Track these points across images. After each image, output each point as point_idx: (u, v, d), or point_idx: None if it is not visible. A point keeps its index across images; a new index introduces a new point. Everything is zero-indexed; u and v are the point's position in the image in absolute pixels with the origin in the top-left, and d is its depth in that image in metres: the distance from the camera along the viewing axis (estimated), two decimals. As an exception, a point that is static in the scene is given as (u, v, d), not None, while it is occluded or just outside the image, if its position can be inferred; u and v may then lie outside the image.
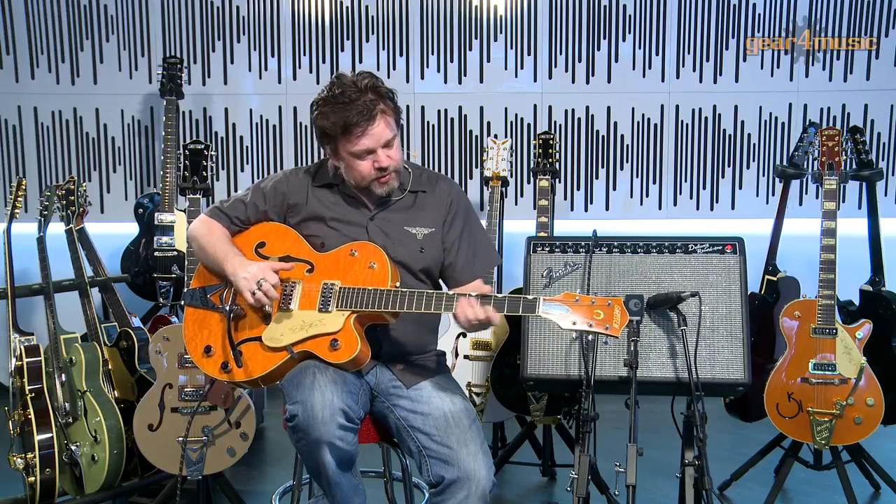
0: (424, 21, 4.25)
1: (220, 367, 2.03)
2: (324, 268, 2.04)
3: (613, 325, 1.81)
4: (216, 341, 2.05)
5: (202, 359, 2.05)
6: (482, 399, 2.98)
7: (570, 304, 1.84)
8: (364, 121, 1.98)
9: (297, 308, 2.00)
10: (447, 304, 1.93)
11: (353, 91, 1.99)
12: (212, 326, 2.07)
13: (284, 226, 2.13)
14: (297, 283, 2.03)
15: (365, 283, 1.99)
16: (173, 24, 4.23)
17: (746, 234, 2.37)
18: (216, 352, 2.04)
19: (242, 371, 1.98)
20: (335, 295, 1.98)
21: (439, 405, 2.02)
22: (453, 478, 1.91)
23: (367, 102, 1.99)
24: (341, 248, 2.05)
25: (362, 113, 1.98)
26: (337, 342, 1.94)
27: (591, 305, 1.83)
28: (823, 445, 2.73)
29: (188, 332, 2.09)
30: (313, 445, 1.86)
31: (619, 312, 1.82)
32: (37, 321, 3.79)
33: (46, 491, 2.70)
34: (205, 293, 2.10)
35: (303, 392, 1.87)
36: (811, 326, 2.73)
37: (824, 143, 2.78)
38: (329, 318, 1.96)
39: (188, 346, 2.09)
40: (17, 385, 2.78)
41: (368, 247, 2.03)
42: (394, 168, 2.07)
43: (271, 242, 2.11)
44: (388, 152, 2.05)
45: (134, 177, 4.31)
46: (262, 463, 3.36)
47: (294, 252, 2.08)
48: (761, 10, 4.21)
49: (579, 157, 4.32)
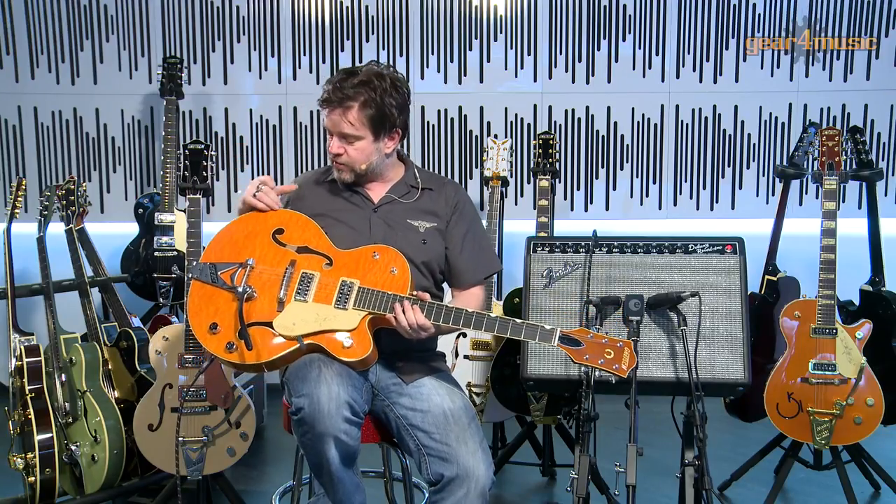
0: (424, 21, 4.25)
1: (224, 347, 1.97)
2: (343, 264, 2.04)
3: (622, 367, 1.86)
4: (224, 319, 1.99)
5: (206, 335, 1.99)
6: (482, 399, 2.98)
7: (585, 340, 1.88)
8: (329, 105, 2.09)
9: (312, 300, 1.99)
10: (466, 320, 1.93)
11: (345, 79, 2.09)
12: (219, 304, 2.02)
13: (306, 217, 2.13)
14: (314, 275, 2.02)
15: (384, 287, 1.98)
16: (173, 24, 4.23)
17: (746, 234, 2.37)
18: (222, 330, 1.98)
19: (252, 354, 1.94)
20: (354, 293, 1.98)
21: (439, 403, 2.02)
22: (452, 475, 1.92)
23: (342, 94, 2.07)
24: (364, 249, 2.05)
25: (331, 94, 2.08)
26: (350, 341, 1.94)
27: (602, 345, 1.87)
28: (823, 445, 2.73)
29: (193, 305, 2.03)
30: (318, 439, 1.86)
31: (629, 355, 1.87)
32: (37, 321, 3.79)
33: (46, 491, 2.70)
34: (216, 269, 2.05)
35: (309, 385, 1.87)
36: (811, 326, 2.73)
37: (824, 143, 2.78)
38: (344, 315, 1.96)
39: (192, 320, 2.03)
40: (17, 385, 2.78)
41: (391, 252, 2.04)
42: (345, 161, 2.14)
43: (290, 230, 2.10)
44: (343, 143, 2.11)
45: (134, 177, 4.31)
46: (262, 463, 3.36)
47: (313, 244, 2.07)
48: (761, 10, 4.21)
49: (579, 157, 4.32)
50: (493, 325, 1.93)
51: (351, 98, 2.07)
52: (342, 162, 2.14)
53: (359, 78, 2.08)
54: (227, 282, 2.03)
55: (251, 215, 2.14)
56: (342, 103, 2.07)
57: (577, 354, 1.88)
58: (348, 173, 2.16)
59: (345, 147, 2.12)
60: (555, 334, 1.89)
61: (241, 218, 2.14)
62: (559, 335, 1.88)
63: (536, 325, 1.92)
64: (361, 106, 2.07)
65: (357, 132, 2.09)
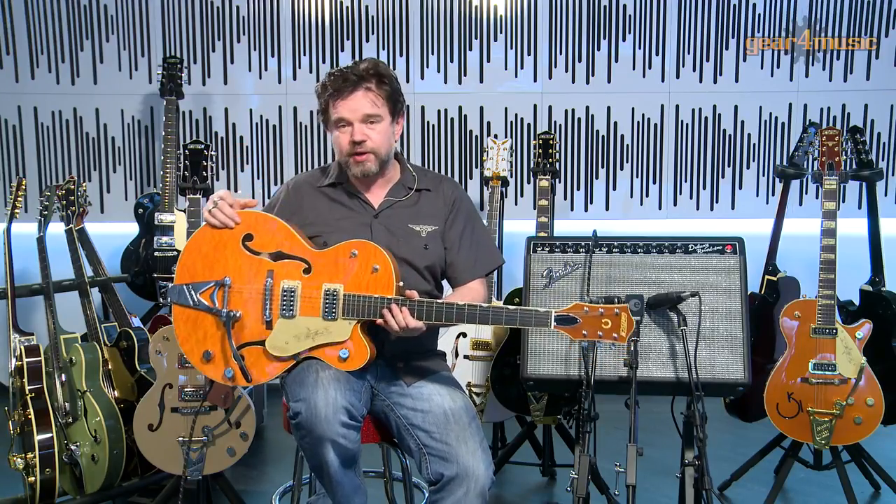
0: (424, 21, 4.25)
1: (223, 375, 1.97)
2: (322, 268, 1.96)
3: (621, 334, 1.84)
4: (214, 346, 1.97)
5: (201, 364, 1.98)
6: (482, 399, 2.98)
7: (581, 315, 1.85)
8: (344, 89, 2.05)
9: (299, 314, 1.94)
10: (458, 314, 1.90)
11: (349, 66, 2.08)
12: (207, 328, 1.98)
13: (271, 217, 2.03)
14: (296, 287, 1.95)
15: (369, 289, 1.92)
16: (173, 24, 4.23)
17: (746, 234, 2.37)
18: (216, 357, 1.97)
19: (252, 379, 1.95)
20: (340, 302, 1.92)
21: (439, 403, 2.02)
22: (452, 475, 1.91)
23: (350, 75, 2.06)
24: (340, 247, 1.97)
25: (345, 82, 2.05)
26: (347, 352, 1.92)
27: (599, 316, 1.84)
28: (823, 445, 2.73)
29: (180, 332, 2.00)
30: (316, 443, 1.86)
31: (626, 320, 1.84)
32: (37, 321, 3.80)
33: (46, 491, 2.70)
34: (194, 291, 1.98)
35: (306, 390, 1.87)
36: (811, 326, 2.73)
37: (824, 143, 2.78)
38: (335, 326, 1.92)
39: (183, 348, 2.00)
40: (17, 385, 2.78)
41: (369, 247, 1.95)
42: (371, 148, 2.08)
43: (259, 235, 1.99)
44: (365, 129, 2.07)
45: (134, 177, 4.31)
46: (262, 463, 3.36)
47: (287, 248, 1.98)
48: (761, 10, 4.21)
49: (579, 157, 4.32)
50: (486, 316, 1.89)
51: (366, 77, 2.05)
52: (367, 149, 2.07)
53: (363, 63, 2.08)
54: (208, 303, 1.97)
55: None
56: (359, 83, 2.05)
57: (574, 332, 1.85)
58: (374, 162, 2.10)
59: (368, 132, 2.07)
60: (550, 317, 1.86)
61: (204, 228, 2.03)
62: (555, 316, 1.85)
63: (531, 309, 1.88)
64: (378, 83, 2.07)
65: (378, 111, 2.07)
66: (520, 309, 1.89)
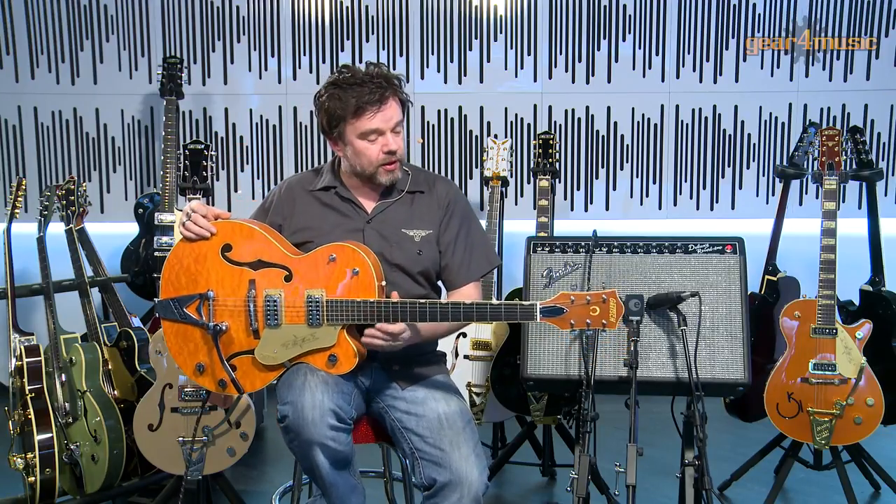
0: (424, 21, 4.25)
1: (217, 385, 2.00)
2: (302, 274, 1.94)
3: (610, 320, 1.82)
4: (206, 357, 1.99)
5: (196, 375, 2.01)
6: (482, 399, 2.98)
7: (567, 305, 1.83)
8: (376, 100, 1.99)
9: (284, 322, 1.94)
10: (443, 313, 1.88)
11: (363, 74, 2.02)
12: (196, 340, 2.00)
13: (248, 225, 2.00)
14: (278, 295, 1.95)
15: (350, 292, 1.91)
16: (173, 24, 4.23)
17: (746, 234, 2.37)
18: (208, 369, 1.99)
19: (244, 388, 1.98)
20: (322, 309, 1.92)
21: (434, 407, 2.00)
22: (445, 481, 1.90)
23: (378, 83, 2.00)
24: (318, 251, 1.95)
25: (374, 92, 1.99)
26: (335, 357, 1.91)
27: (586, 304, 1.82)
28: (823, 445, 2.73)
29: (172, 346, 2.02)
30: (305, 446, 1.86)
31: (615, 305, 1.82)
32: (37, 321, 3.79)
33: (46, 491, 2.70)
34: (180, 305, 1.99)
35: (293, 393, 1.87)
36: (811, 326, 2.73)
37: (824, 143, 2.78)
38: (321, 332, 1.92)
39: (176, 361, 2.02)
40: (17, 385, 2.78)
41: (347, 250, 1.93)
42: (400, 156, 2.08)
43: (238, 245, 1.98)
44: (395, 137, 2.05)
45: (134, 177, 4.31)
46: (262, 463, 3.36)
47: (266, 256, 1.97)
48: (761, 10, 4.21)
49: (579, 157, 4.32)
50: (470, 314, 1.87)
51: (387, 85, 2.02)
52: (399, 157, 2.08)
53: (372, 68, 2.04)
54: (195, 316, 1.97)
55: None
56: (387, 91, 2.01)
57: (562, 323, 1.83)
58: (400, 168, 2.11)
59: (397, 140, 2.06)
60: (536, 309, 1.83)
61: (182, 241, 2.02)
62: (540, 308, 1.83)
63: (514, 303, 1.86)
64: (398, 88, 2.05)
65: (402, 117, 2.06)
66: (504, 303, 1.87)
